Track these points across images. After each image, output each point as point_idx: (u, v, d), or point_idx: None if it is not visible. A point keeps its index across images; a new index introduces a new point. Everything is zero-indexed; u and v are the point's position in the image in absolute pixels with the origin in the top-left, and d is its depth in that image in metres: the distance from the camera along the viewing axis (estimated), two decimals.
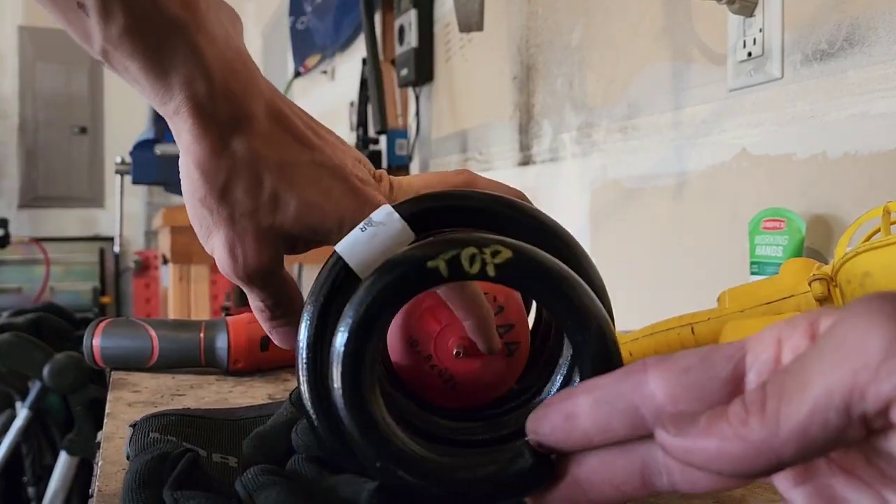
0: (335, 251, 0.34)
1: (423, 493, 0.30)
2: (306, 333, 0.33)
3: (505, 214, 0.35)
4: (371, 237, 0.33)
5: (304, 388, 0.33)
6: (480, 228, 0.35)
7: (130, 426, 0.42)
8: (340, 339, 0.30)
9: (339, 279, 0.33)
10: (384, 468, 0.30)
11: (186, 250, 1.70)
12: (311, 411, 0.33)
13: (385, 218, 0.34)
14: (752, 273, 0.83)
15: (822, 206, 0.82)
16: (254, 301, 0.39)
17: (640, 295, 1.12)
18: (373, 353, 0.30)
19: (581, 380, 0.30)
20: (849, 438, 0.20)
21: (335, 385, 0.30)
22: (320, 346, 0.33)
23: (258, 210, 0.37)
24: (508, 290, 0.41)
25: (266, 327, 0.40)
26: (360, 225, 0.34)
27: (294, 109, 0.40)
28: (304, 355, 0.33)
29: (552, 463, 0.31)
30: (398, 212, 0.34)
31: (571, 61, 1.30)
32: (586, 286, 0.31)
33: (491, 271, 0.30)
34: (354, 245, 0.33)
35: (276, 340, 0.40)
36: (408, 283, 0.30)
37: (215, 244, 0.38)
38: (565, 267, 0.31)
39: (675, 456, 0.21)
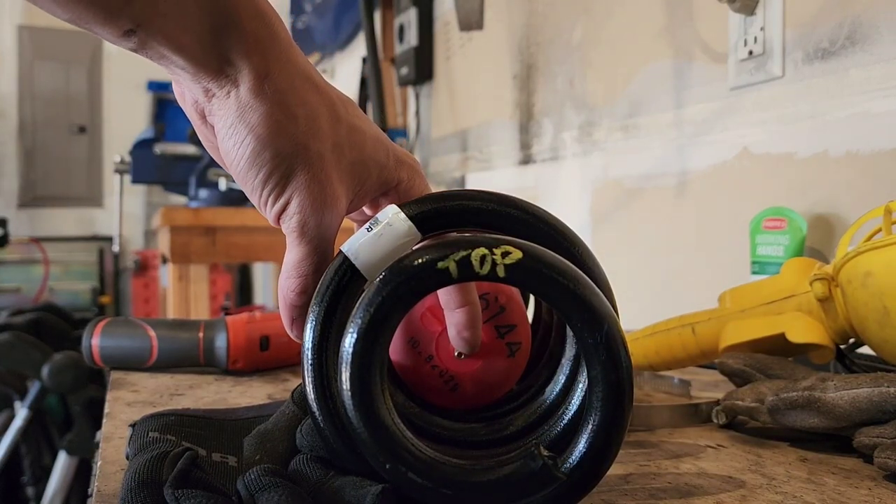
0: (341, 251, 0.33)
1: (434, 496, 0.30)
2: (312, 334, 0.32)
3: (512, 215, 0.35)
4: (377, 237, 0.33)
5: (310, 388, 0.32)
6: (487, 229, 0.35)
7: (130, 426, 0.42)
8: (349, 340, 0.30)
9: (346, 279, 0.33)
10: (394, 470, 0.30)
11: (185, 250, 1.69)
12: (317, 412, 0.32)
13: (391, 218, 0.34)
14: (753, 273, 0.83)
15: (823, 205, 0.82)
16: (301, 263, 0.35)
17: (641, 294, 1.12)
18: (381, 354, 0.30)
19: (590, 381, 0.30)
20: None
21: (344, 387, 0.30)
22: (326, 346, 0.32)
23: (342, 145, 0.36)
24: (510, 292, 0.41)
25: (291, 305, 0.36)
26: (366, 224, 0.33)
27: None
28: (310, 356, 0.32)
29: (558, 463, 0.30)
30: (404, 212, 0.34)
31: (572, 60, 1.30)
32: (596, 287, 0.31)
33: (501, 272, 0.30)
34: (361, 245, 0.33)
35: (295, 332, 0.36)
36: (418, 284, 0.30)
37: (297, 187, 0.34)
38: (575, 268, 0.31)
39: None
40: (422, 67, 1.84)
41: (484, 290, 0.40)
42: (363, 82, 2.18)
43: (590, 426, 0.31)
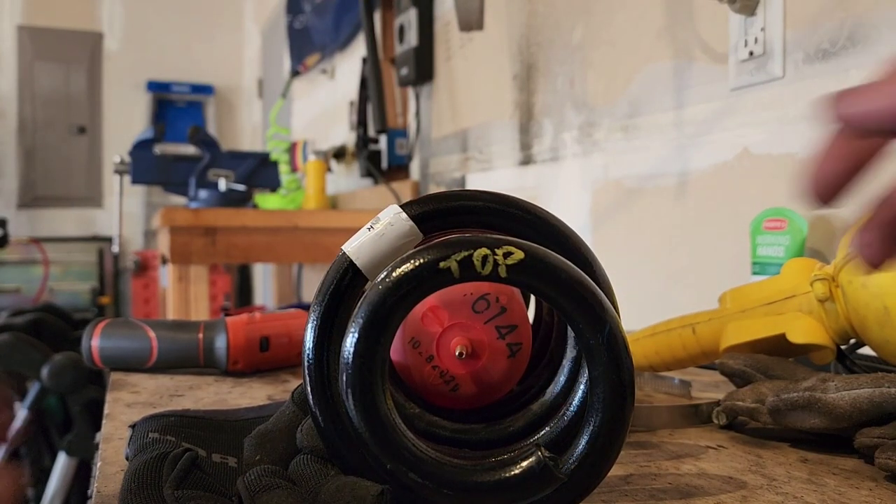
0: (342, 251, 0.33)
1: (435, 496, 0.30)
2: (312, 334, 0.32)
3: (514, 215, 0.35)
4: (378, 237, 0.33)
5: (310, 388, 0.32)
6: (489, 229, 0.35)
7: (130, 427, 0.42)
8: (350, 340, 0.30)
9: (347, 279, 0.33)
10: (395, 470, 0.30)
11: (185, 250, 1.69)
12: (318, 412, 0.32)
13: (393, 218, 0.34)
14: (754, 273, 0.83)
15: None
16: None
17: (642, 295, 1.11)
18: (383, 354, 0.30)
19: (591, 381, 0.30)
20: None
21: (345, 387, 0.30)
22: (327, 346, 0.32)
23: None
24: (511, 292, 0.41)
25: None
26: (368, 224, 0.33)
27: None
28: (310, 356, 0.32)
29: (559, 464, 0.30)
30: (406, 212, 0.34)
31: (572, 60, 1.30)
32: (597, 288, 0.31)
33: (503, 272, 0.30)
34: (362, 245, 0.33)
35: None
36: (420, 284, 0.30)
37: None
38: (576, 268, 0.31)
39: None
40: (422, 68, 1.84)
41: (485, 290, 0.40)
42: (363, 83, 2.18)
43: (591, 427, 0.31)
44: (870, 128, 0.26)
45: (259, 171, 2.30)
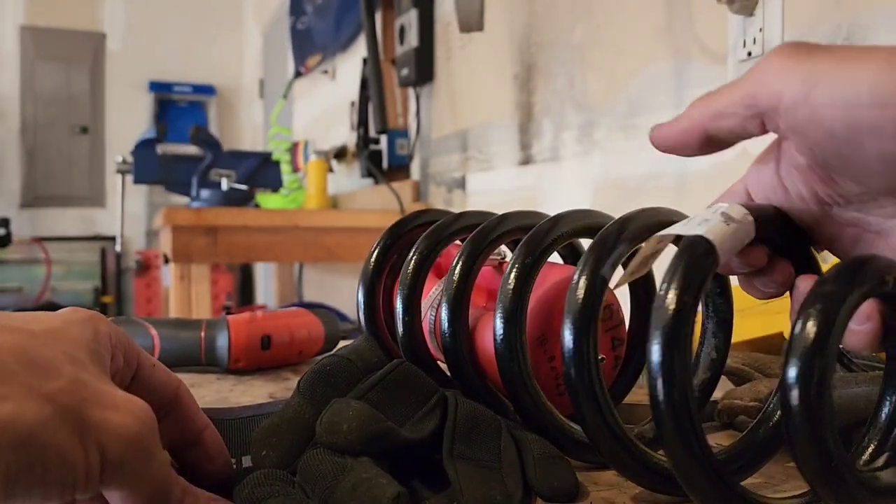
0: (704, 239, 0.32)
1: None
2: (681, 312, 0.31)
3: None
4: (734, 232, 0.33)
5: (662, 392, 0.30)
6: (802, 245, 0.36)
7: None
8: (810, 327, 0.29)
9: (711, 271, 0.32)
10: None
11: (187, 250, 1.69)
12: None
13: (743, 216, 0.34)
14: None
15: None
16: None
17: None
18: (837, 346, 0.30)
19: None
20: (749, 130, 0.31)
21: (795, 401, 0.29)
22: (686, 329, 0.31)
23: None
24: (620, 306, 0.43)
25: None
26: (721, 218, 0.33)
27: None
28: (676, 321, 0.31)
29: None
30: (749, 212, 0.34)
31: (572, 60, 1.30)
32: None
33: None
34: (723, 236, 0.32)
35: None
36: (869, 293, 0.31)
37: None
38: None
39: (652, 140, 0.36)
40: (422, 68, 1.85)
41: (610, 300, 0.41)
42: (364, 83, 2.18)
43: None
44: (669, 151, 0.36)
45: (260, 171, 2.31)
